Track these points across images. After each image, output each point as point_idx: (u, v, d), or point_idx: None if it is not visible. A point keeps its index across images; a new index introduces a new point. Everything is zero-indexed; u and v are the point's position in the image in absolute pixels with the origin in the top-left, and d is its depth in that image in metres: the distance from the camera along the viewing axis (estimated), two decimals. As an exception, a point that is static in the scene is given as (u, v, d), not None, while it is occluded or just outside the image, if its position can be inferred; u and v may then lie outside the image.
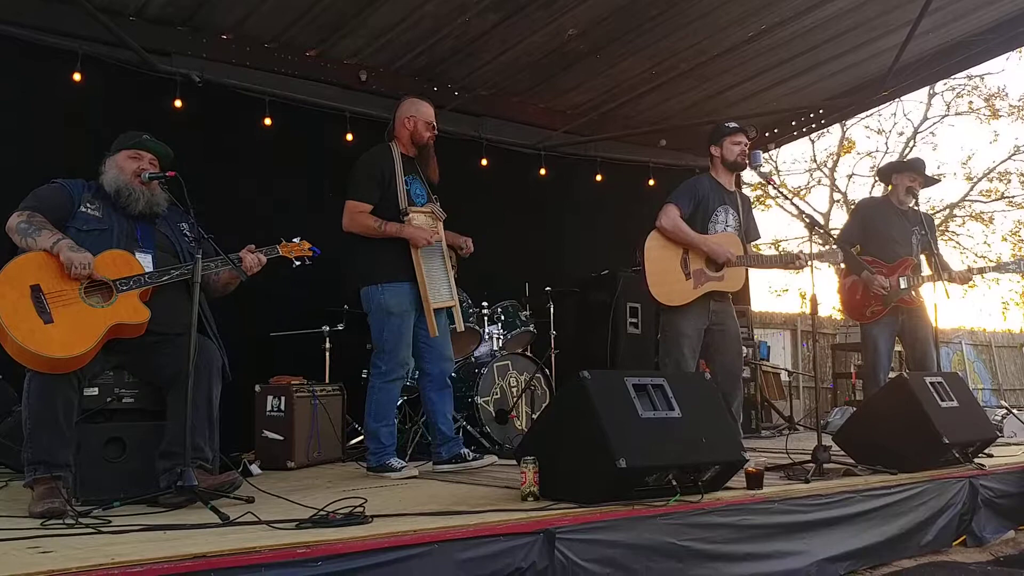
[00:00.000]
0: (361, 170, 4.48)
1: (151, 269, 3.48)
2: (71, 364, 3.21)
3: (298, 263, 3.86)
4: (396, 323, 4.41)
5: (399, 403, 5.21)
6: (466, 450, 4.55)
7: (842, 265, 5.61)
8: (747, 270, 5.02)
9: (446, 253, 4.59)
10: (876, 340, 5.62)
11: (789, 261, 4.81)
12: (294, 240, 3.90)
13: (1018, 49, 11.12)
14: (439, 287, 4.51)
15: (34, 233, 3.32)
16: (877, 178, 8.77)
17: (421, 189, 4.57)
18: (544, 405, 5.81)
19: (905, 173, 5.75)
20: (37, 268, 3.24)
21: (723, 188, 4.89)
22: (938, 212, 20.94)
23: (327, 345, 5.99)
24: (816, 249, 4.65)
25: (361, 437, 5.90)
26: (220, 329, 3.77)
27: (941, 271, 5.45)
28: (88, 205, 3.54)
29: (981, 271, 6.32)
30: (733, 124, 4.94)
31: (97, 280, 3.31)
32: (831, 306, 17.98)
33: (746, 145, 4.89)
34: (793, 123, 8.80)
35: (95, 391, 3.48)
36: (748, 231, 4.97)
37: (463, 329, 4.79)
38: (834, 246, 4.86)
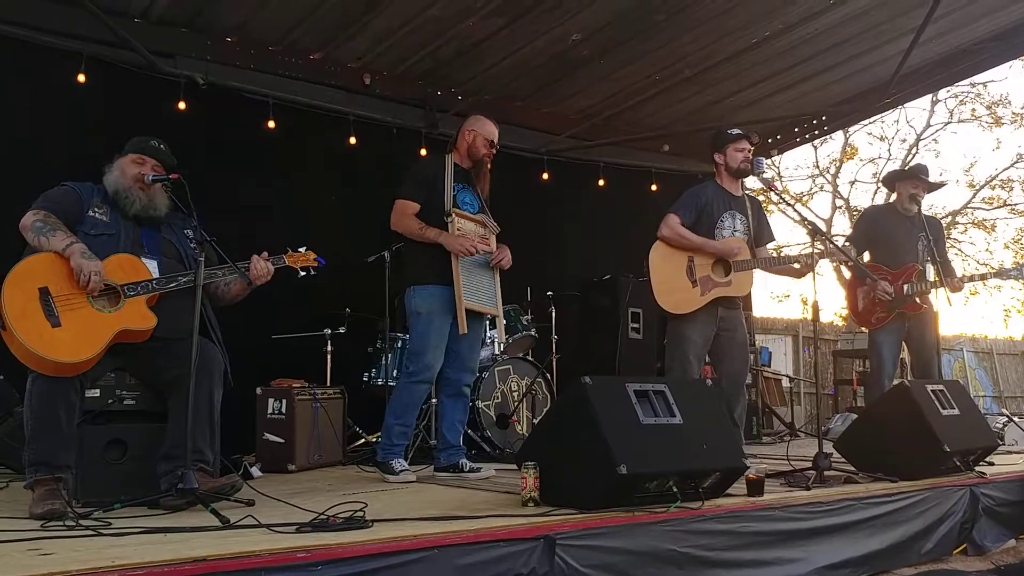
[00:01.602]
0: (411, 172, 4.62)
1: (157, 275, 3.49)
2: (76, 368, 3.21)
3: (303, 273, 3.87)
4: (424, 324, 4.44)
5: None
6: (465, 461, 4.55)
7: (845, 271, 5.63)
8: (754, 276, 5.01)
9: (493, 259, 4.63)
10: (881, 347, 5.63)
11: (800, 266, 4.79)
12: (300, 250, 3.89)
13: (1021, 57, 11.09)
14: (481, 291, 4.56)
15: (49, 233, 3.31)
16: (881, 185, 8.78)
17: (472, 199, 4.65)
18: (545, 410, 5.81)
19: (908, 180, 5.75)
20: (46, 270, 3.24)
21: (729, 194, 4.87)
22: (941, 219, 20.91)
23: (328, 348, 6.00)
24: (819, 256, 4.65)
25: (362, 440, 5.91)
26: (222, 332, 3.77)
27: (944, 277, 5.45)
28: (96, 210, 3.54)
29: (983, 277, 6.34)
30: (736, 130, 4.92)
31: (105, 284, 3.31)
32: (832, 312, 18.02)
33: (749, 151, 4.88)
34: (796, 130, 8.79)
35: (96, 393, 3.47)
36: (759, 234, 4.94)
37: (504, 340, 4.84)
38: (846, 243, 4.84)
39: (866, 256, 5.84)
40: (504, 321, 4.84)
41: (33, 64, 5.63)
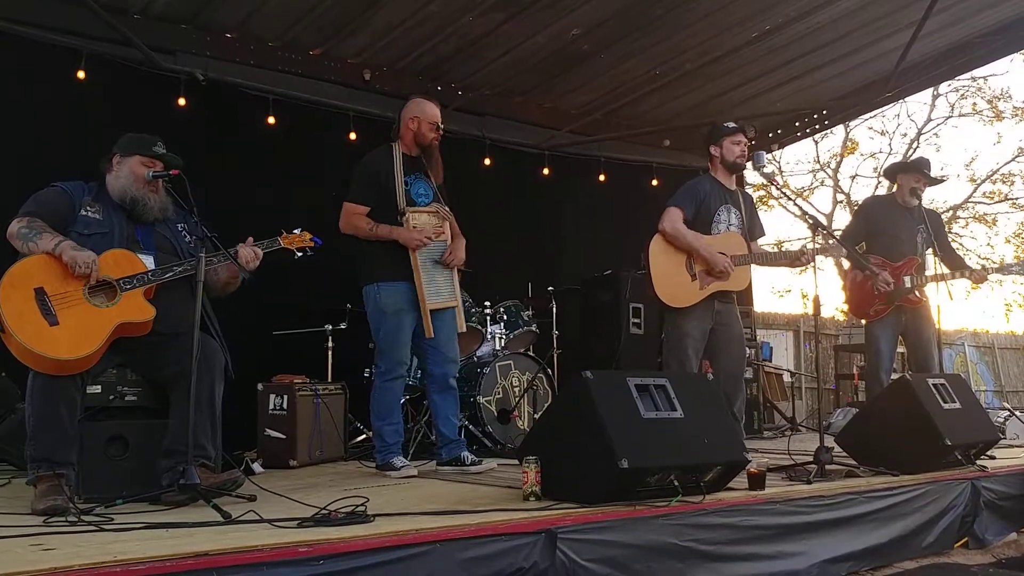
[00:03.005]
0: (358, 172, 4.53)
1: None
2: (78, 365, 3.22)
3: (300, 254, 3.85)
4: (392, 322, 4.42)
5: (401, 402, 5.20)
6: (466, 453, 4.53)
7: (844, 262, 5.63)
8: (751, 269, 5.02)
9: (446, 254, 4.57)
10: (879, 339, 5.62)
11: (794, 258, 4.80)
12: (295, 231, 3.88)
13: (1022, 51, 11.08)
14: (441, 287, 4.50)
15: (35, 237, 3.31)
16: (883, 177, 8.78)
17: (426, 189, 4.57)
18: (546, 405, 5.81)
19: (910, 173, 5.74)
20: (40, 271, 3.24)
21: (724, 187, 4.88)
22: (941, 213, 20.86)
23: (330, 344, 5.99)
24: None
25: (363, 436, 5.91)
26: (222, 327, 3.77)
27: (958, 269, 5.45)
28: (88, 208, 3.52)
29: (999, 270, 6.35)
30: (732, 124, 4.92)
31: (100, 280, 3.31)
32: (834, 307, 18.01)
33: (746, 145, 4.88)
34: (796, 124, 8.79)
35: (98, 389, 3.48)
36: (752, 229, 4.95)
37: (464, 329, 4.81)
38: (835, 240, 4.85)
39: (862, 248, 5.82)
40: (462, 308, 4.75)
41: (33, 61, 5.63)
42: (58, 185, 3.56)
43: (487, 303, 6.14)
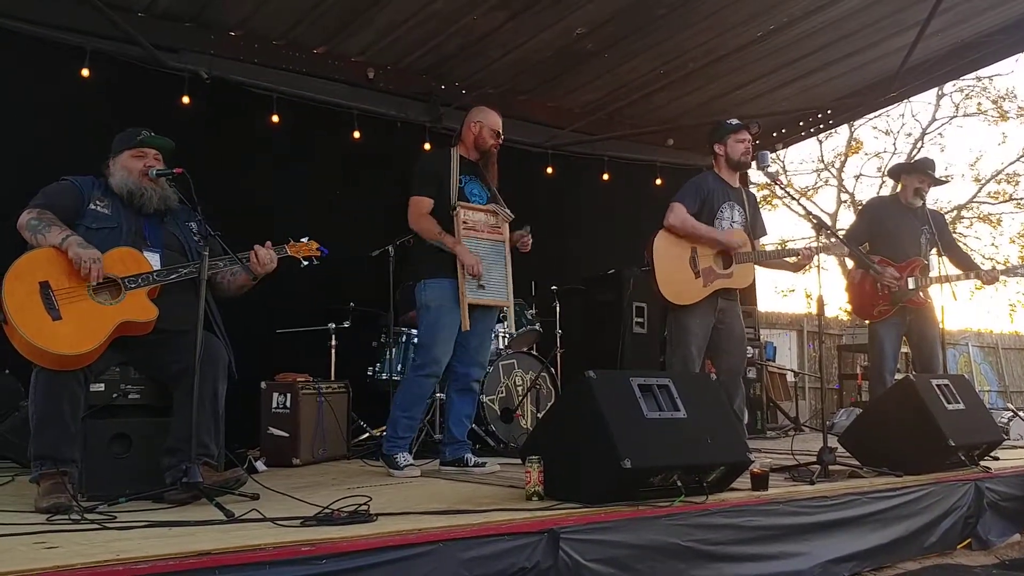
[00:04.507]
0: (419, 169, 4.62)
1: (159, 267, 3.49)
2: (79, 361, 3.22)
3: (306, 263, 3.86)
4: (432, 318, 4.44)
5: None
6: (470, 455, 4.55)
7: (848, 261, 5.62)
8: (755, 267, 5.01)
9: (507, 255, 4.63)
10: (883, 339, 5.61)
11: (795, 265, 4.80)
12: (302, 240, 3.89)
13: (1027, 50, 11.06)
14: (497, 286, 4.56)
15: (44, 230, 3.32)
16: (888, 177, 8.78)
17: (480, 190, 4.64)
18: (549, 404, 5.81)
19: (914, 174, 5.73)
20: (46, 264, 3.25)
21: (727, 185, 4.87)
22: (946, 213, 20.85)
23: (333, 342, 6.00)
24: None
25: (366, 435, 5.92)
26: (226, 326, 3.77)
27: (968, 269, 5.45)
28: (98, 203, 3.54)
29: (1006, 272, 6.35)
30: (736, 121, 4.91)
31: (106, 277, 3.31)
32: (837, 307, 17.99)
33: (750, 142, 4.87)
34: (801, 123, 8.78)
35: (101, 387, 3.48)
36: (755, 227, 4.95)
37: (515, 331, 4.87)
38: (839, 240, 4.85)
39: (866, 248, 5.81)
40: (514, 314, 4.82)
41: (37, 59, 5.63)
42: (68, 179, 3.58)
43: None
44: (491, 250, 4.57)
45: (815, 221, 4.52)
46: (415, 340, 5.22)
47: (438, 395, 5.57)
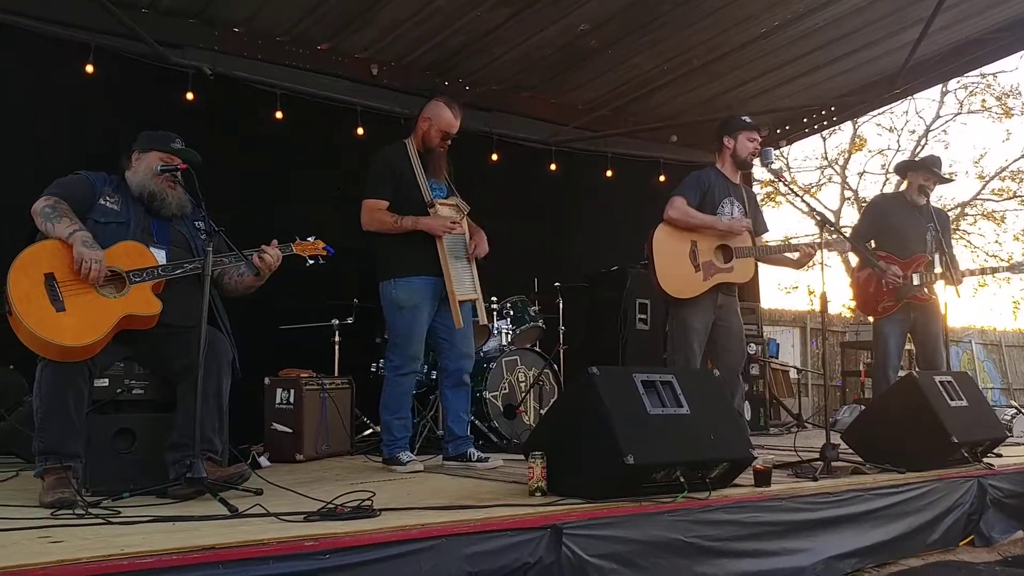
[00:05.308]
0: (373, 168, 4.53)
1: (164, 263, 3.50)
2: (82, 353, 3.22)
3: (311, 262, 3.87)
4: (407, 317, 4.41)
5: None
6: (473, 450, 4.54)
7: (851, 257, 5.63)
8: (756, 263, 5.01)
9: (468, 246, 4.57)
10: (887, 336, 5.61)
11: (797, 261, 4.80)
12: (308, 239, 3.89)
13: (1032, 47, 11.04)
14: (462, 280, 4.50)
15: (55, 219, 3.33)
16: (892, 173, 8.78)
17: (437, 184, 4.58)
18: (552, 401, 5.81)
19: (920, 171, 5.72)
20: (52, 256, 3.26)
21: (728, 181, 4.88)
22: (950, 210, 20.81)
23: (336, 338, 6.01)
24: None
25: (370, 431, 5.93)
26: (230, 322, 3.78)
27: (951, 270, 5.43)
28: (108, 198, 3.56)
29: (992, 271, 6.33)
30: (748, 119, 4.92)
31: (110, 270, 3.32)
32: (840, 304, 17.97)
33: (759, 143, 4.88)
34: (805, 120, 8.77)
35: (105, 382, 3.49)
36: (755, 224, 4.95)
37: (486, 322, 4.83)
38: (843, 237, 4.85)
39: (872, 245, 5.81)
40: (484, 305, 4.74)
41: (41, 55, 5.64)
42: (82, 173, 3.60)
43: (493, 298, 6.14)
44: (458, 244, 4.50)
45: (819, 218, 4.51)
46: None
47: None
